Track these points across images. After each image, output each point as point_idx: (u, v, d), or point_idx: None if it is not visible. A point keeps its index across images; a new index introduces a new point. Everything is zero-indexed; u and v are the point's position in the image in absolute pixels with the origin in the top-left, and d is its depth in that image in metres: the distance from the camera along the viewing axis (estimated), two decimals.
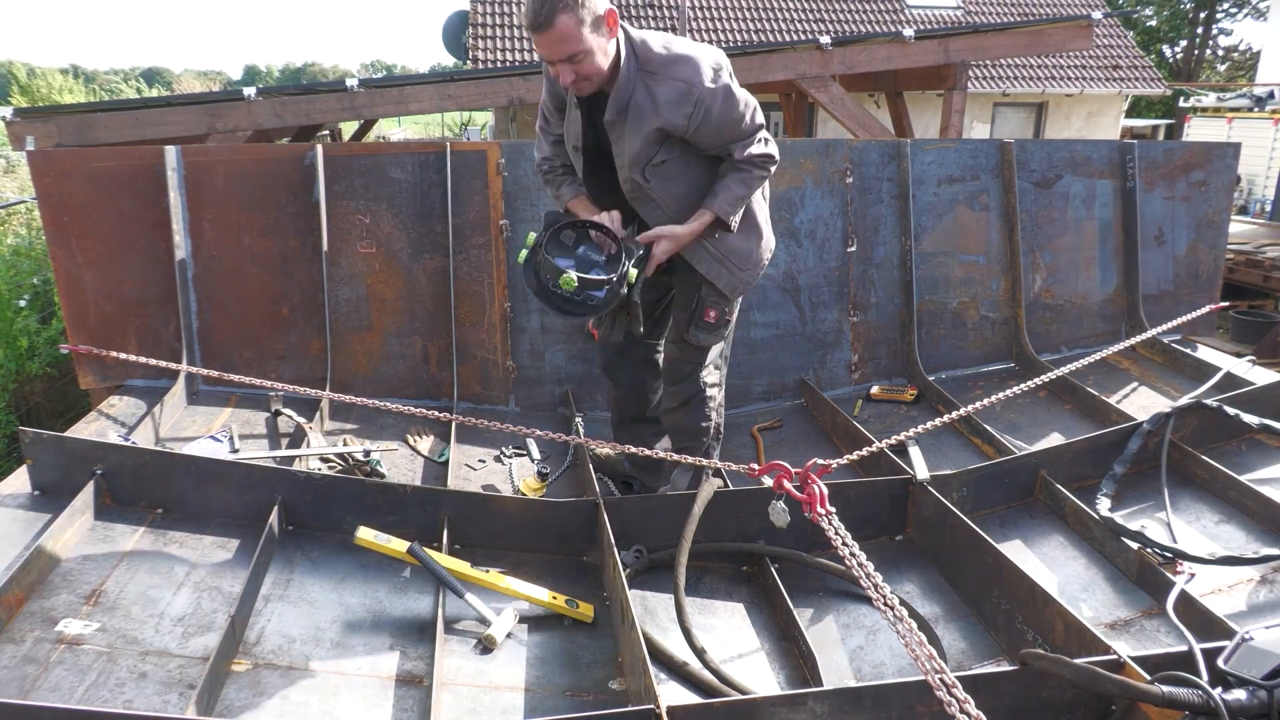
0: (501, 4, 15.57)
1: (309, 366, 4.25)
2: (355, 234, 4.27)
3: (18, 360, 6.01)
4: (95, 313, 4.01)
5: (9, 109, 5.34)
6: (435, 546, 2.75)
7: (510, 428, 3.40)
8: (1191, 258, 5.25)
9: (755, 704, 1.97)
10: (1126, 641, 2.52)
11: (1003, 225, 5.01)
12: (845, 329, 4.83)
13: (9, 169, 13.41)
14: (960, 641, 2.62)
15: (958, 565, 2.84)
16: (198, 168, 4.06)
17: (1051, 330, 5.10)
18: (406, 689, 2.27)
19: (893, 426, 4.27)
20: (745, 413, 4.58)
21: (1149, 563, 2.75)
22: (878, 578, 2.05)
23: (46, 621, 2.30)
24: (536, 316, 4.48)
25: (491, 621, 2.49)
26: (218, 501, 2.87)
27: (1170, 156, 5.17)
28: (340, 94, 6.34)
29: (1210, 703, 1.74)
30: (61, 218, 3.91)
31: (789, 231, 4.70)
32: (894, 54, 7.59)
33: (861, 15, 16.66)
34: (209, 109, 6.03)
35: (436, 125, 28.22)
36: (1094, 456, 3.36)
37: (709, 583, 2.88)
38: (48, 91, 28.52)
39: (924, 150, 4.92)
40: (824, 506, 2.36)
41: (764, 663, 2.54)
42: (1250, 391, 3.71)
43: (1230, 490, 3.19)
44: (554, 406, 4.50)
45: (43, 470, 2.84)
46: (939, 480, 3.09)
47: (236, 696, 2.16)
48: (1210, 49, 30.27)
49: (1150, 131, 21.64)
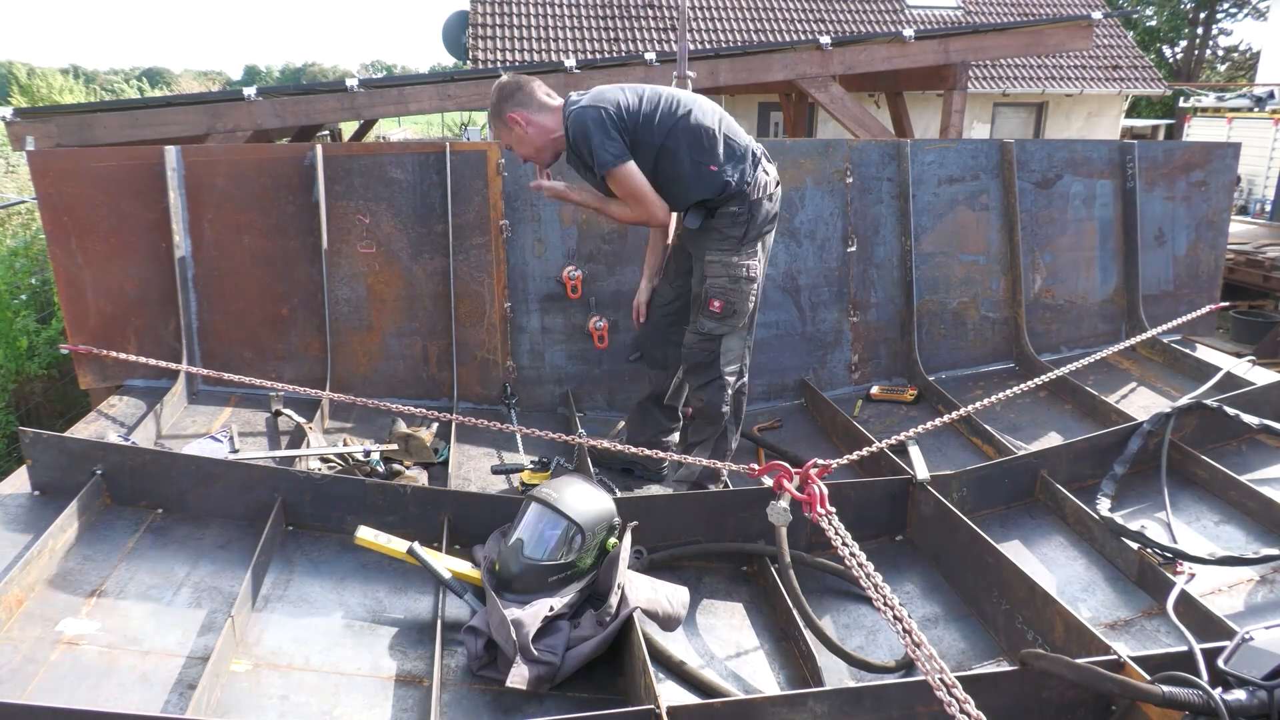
0: (501, 4, 15.57)
1: (309, 366, 4.25)
2: (355, 234, 4.27)
3: (18, 360, 6.01)
4: (95, 313, 4.01)
5: (9, 109, 5.34)
6: (435, 546, 2.75)
7: (510, 428, 3.40)
8: (1191, 258, 5.25)
9: (755, 704, 1.97)
10: (1126, 641, 2.52)
11: (1003, 225, 5.01)
12: (845, 329, 4.83)
13: (9, 169, 13.41)
14: (960, 641, 2.62)
15: (958, 565, 2.84)
16: (198, 168, 4.06)
17: (1051, 330, 5.10)
18: (406, 689, 2.27)
19: (893, 426, 4.27)
20: (745, 413, 4.58)
21: (1149, 563, 2.75)
22: (878, 578, 2.05)
23: (46, 621, 2.30)
24: (536, 316, 4.48)
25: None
26: (218, 501, 2.87)
27: (1170, 156, 5.17)
28: (340, 94, 6.34)
29: (1210, 703, 1.75)
30: (61, 218, 3.91)
31: (789, 231, 4.70)
32: (894, 54, 7.59)
33: (861, 15, 16.66)
34: (209, 109, 6.03)
35: (436, 125, 28.21)
36: (1094, 456, 3.36)
37: (709, 583, 2.88)
38: (48, 91, 28.50)
39: (924, 150, 4.92)
40: (824, 506, 2.37)
41: (764, 663, 2.54)
42: (1250, 392, 3.71)
43: (1230, 490, 3.19)
44: (554, 407, 4.50)
45: (43, 470, 2.84)
46: (939, 480, 3.09)
47: (236, 696, 2.16)
48: (1210, 49, 30.28)
49: (1150, 131, 21.63)
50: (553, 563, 2.50)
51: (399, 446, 3.63)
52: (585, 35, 15.36)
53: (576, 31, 15.39)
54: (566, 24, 15.49)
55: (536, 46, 14.84)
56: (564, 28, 15.40)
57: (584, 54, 14.78)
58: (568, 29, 15.39)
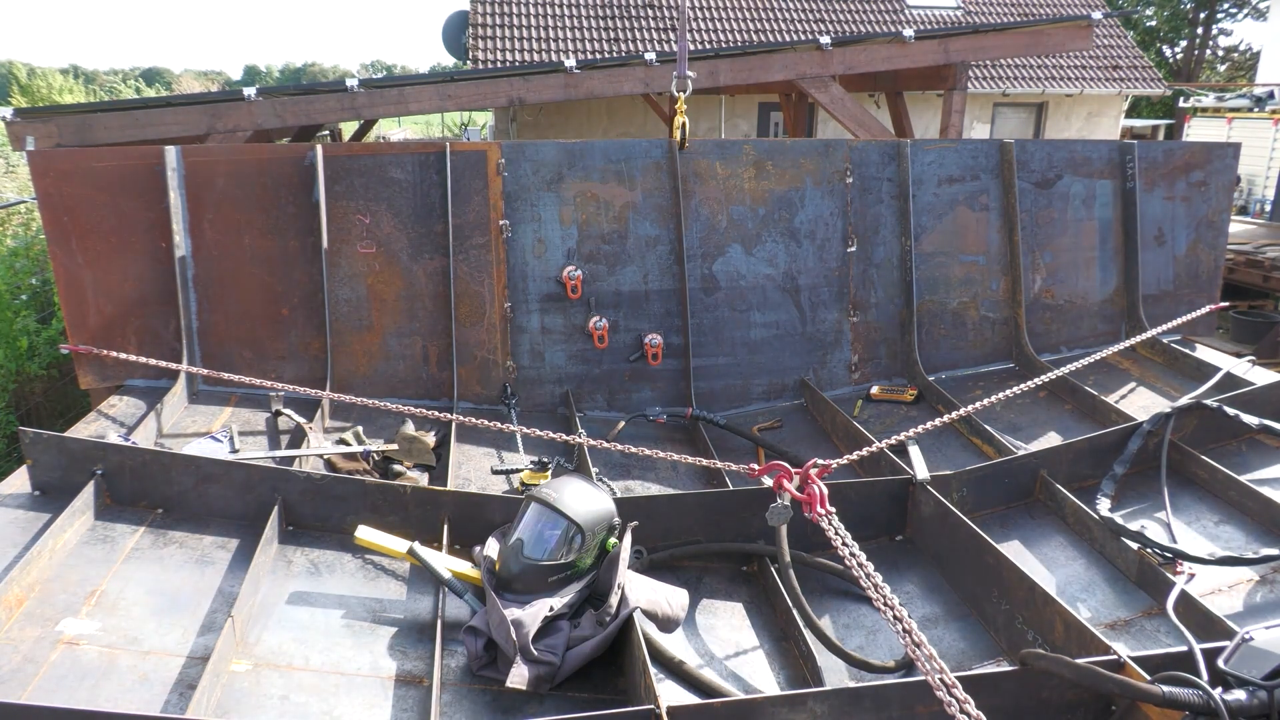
0: (501, 4, 15.57)
1: (309, 366, 4.25)
2: (355, 234, 4.27)
3: (18, 360, 6.00)
4: (95, 313, 4.01)
5: (9, 109, 5.33)
6: (435, 546, 2.75)
7: (510, 428, 3.40)
8: (1191, 258, 5.25)
9: (755, 704, 1.97)
10: (1126, 641, 2.52)
11: (1003, 225, 5.00)
12: (845, 329, 4.83)
13: (9, 169, 13.40)
14: (960, 641, 2.62)
15: (957, 565, 2.84)
16: (198, 168, 4.06)
17: (1051, 330, 5.09)
18: (406, 689, 2.26)
19: (893, 426, 4.27)
20: (745, 413, 4.59)
21: (1149, 563, 2.74)
22: (878, 578, 2.05)
23: (46, 621, 2.30)
24: (536, 317, 4.48)
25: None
26: (218, 501, 2.87)
27: (1170, 157, 5.17)
28: (340, 94, 6.34)
29: (1210, 703, 1.75)
30: (61, 218, 3.92)
31: (789, 231, 4.70)
32: (894, 54, 7.59)
33: (861, 15, 16.66)
34: (209, 109, 6.03)
35: (436, 125, 28.21)
36: (1094, 456, 3.36)
37: (709, 583, 2.88)
38: (48, 91, 28.45)
39: (924, 150, 4.92)
40: (824, 506, 2.37)
41: (764, 663, 2.54)
42: (1250, 391, 3.71)
43: (1230, 490, 3.19)
44: (554, 407, 4.50)
45: (43, 470, 2.84)
46: (939, 480, 3.08)
47: (236, 696, 2.16)
48: (1210, 49, 30.27)
49: (1150, 132, 21.62)
50: (553, 563, 2.50)
51: (400, 447, 3.63)
52: (585, 35, 15.36)
53: (576, 31, 15.39)
54: (566, 24, 15.49)
55: (536, 46, 14.84)
56: (564, 28, 15.40)
57: (584, 54, 14.78)
58: (568, 29, 15.38)
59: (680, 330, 4.60)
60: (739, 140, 4.91)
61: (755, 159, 4.67)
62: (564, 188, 4.47)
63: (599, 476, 3.38)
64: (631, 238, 4.51)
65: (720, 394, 4.65)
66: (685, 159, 4.58)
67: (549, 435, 3.25)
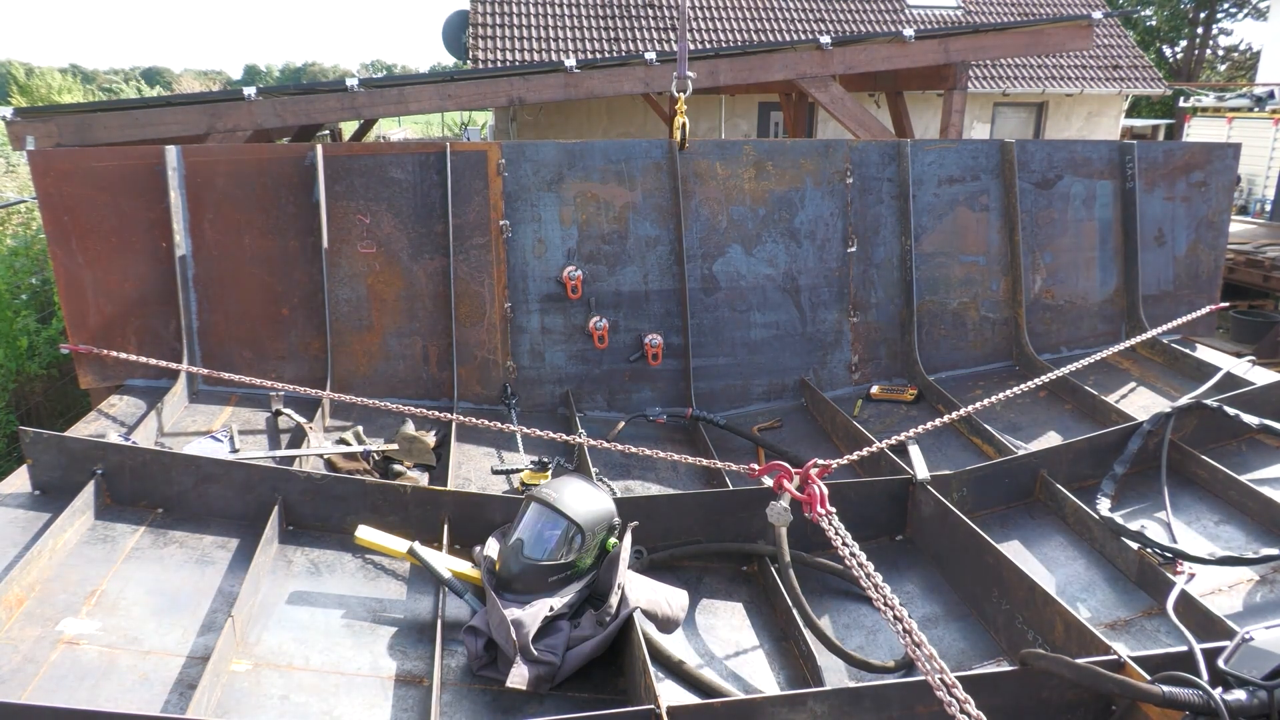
0: (501, 4, 15.57)
1: (309, 366, 4.25)
2: (355, 234, 4.27)
3: (18, 360, 6.00)
4: (95, 313, 4.01)
5: (9, 109, 5.33)
6: (435, 546, 2.75)
7: (510, 428, 3.40)
8: (1191, 258, 5.25)
9: (755, 704, 1.97)
10: (1126, 641, 2.52)
11: (1003, 225, 5.01)
12: (845, 329, 4.83)
13: (9, 169, 13.39)
14: (960, 641, 2.62)
15: (957, 565, 2.84)
16: (198, 168, 4.06)
17: (1051, 330, 5.09)
18: (406, 689, 2.27)
19: (893, 426, 4.27)
20: (745, 413, 4.59)
21: (1149, 563, 2.75)
22: (878, 578, 2.05)
23: (46, 621, 2.30)
24: (536, 317, 4.48)
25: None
26: (218, 501, 2.87)
27: (1170, 157, 5.17)
28: (340, 94, 6.34)
29: (1210, 703, 1.75)
30: (61, 217, 3.92)
31: (789, 232, 4.70)
32: (894, 54, 7.59)
33: (861, 15, 16.66)
34: (209, 109, 6.03)
35: (436, 125, 28.20)
36: (1094, 456, 3.36)
37: (709, 583, 2.88)
38: (47, 91, 28.42)
39: (924, 150, 4.91)
40: (824, 506, 2.37)
41: (764, 663, 2.54)
42: (1250, 391, 3.71)
43: (1230, 490, 3.19)
44: (554, 407, 4.50)
45: (43, 470, 2.84)
46: (939, 480, 3.09)
47: (236, 696, 2.16)
48: (1210, 49, 30.27)
49: (1150, 131, 21.62)
50: (553, 563, 2.50)
51: (400, 447, 3.63)
52: (585, 35, 15.35)
53: (576, 31, 15.39)
54: (566, 24, 15.49)
55: (536, 46, 14.84)
56: (564, 28, 15.40)
57: (584, 54, 14.78)
58: (568, 29, 15.38)
59: (680, 330, 4.60)
60: (739, 140, 4.91)
61: (755, 159, 4.67)
62: (564, 188, 4.48)
63: (599, 476, 3.38)
64: (631, 238, 4.51)
65: (720, 394, 4.65)
66: (685, 159, 4.58)
67: (549, 435, 3.25)
